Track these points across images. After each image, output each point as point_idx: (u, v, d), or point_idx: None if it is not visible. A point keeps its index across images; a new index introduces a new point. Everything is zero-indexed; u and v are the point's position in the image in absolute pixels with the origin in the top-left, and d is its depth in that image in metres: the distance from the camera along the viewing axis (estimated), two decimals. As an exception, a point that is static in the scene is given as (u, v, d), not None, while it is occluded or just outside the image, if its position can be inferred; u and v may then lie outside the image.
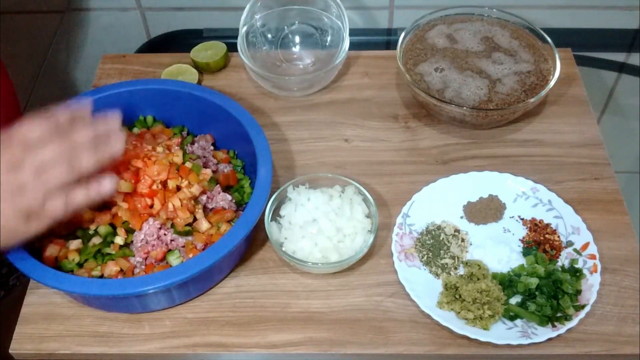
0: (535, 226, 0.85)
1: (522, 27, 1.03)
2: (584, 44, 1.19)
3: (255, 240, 0.85)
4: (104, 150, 0.69)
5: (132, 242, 0.78)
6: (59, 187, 0.67)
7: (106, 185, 0.70)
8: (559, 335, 0.75)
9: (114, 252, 0.77)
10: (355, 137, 0.97)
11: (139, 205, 0.77)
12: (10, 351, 0.77)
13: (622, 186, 0.91)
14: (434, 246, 0.83)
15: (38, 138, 0.66)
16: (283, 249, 0.80)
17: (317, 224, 0.81)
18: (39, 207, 0.67)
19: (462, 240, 0.84)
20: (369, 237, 0.81)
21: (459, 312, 0.76)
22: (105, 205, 0.78)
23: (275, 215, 0.84)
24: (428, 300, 0.77)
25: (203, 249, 0.77)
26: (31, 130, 0.67)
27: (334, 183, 0.86)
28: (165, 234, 0.78)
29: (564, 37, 1.10)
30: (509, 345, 0.74)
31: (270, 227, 0.81)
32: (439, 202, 0.87)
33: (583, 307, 0.76)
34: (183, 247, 0.78)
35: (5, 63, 0.90)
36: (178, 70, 1.03)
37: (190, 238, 0.78)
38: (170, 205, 0.78)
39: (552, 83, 0.94)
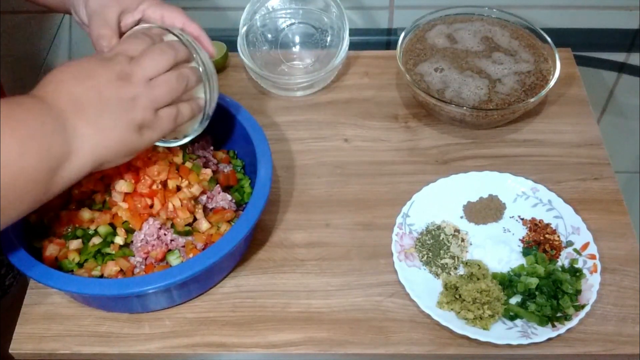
0: (535, 226, 0.85)
1: (522, 27, 1.03)
2: (584, 44, 1.19)
3: (255, 240, 0.85)
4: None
5: (132, 242, 0.78)
6: (168, 99, 0.68)
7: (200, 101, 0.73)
8: (558, 335, 0.75)
9: (114, 252, 0.77)
10: (355, 137, 0.97)
11: (139, 205, 0.77)
12: (10, 351, 0.77)
13: (622, 186, 0.91)
14: (434, 246, 0.83)
15: (143, 52, 0.68)
16: None
17: None
18: (151, 118, 0.67)
19: (462, 240, 0.84)
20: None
21: (459, 312, 0.76)
22: (105, 205, 0.78)
23: None
24: (428, 300, 0.77)
25: (203, 249, 0.77)
26: (134, 46, 0.68)
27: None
28: (165, 234, 0.78)
29: (564, 37, 1.10)
30: (509, 345, 0.74)
31: None
32: (439, 202, 0.87)
33: (583, 307, 0.76)
34: (183, 247, 0.78)
35: (5, 63, 0.90)
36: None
37: (190, 238, 0.78)
38: (170, 205, 0.78)
39: (552, 83, 0.94)
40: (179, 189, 0.79)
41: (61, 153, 0.62)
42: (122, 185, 0.76)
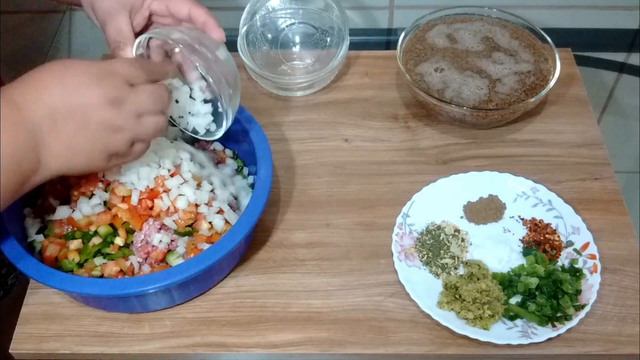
0: (535, 226, 0.85)
1: (522, 27, 1.03)
2: (584, 44, 1.19)
3: (255, 240, 0.85)
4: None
5: (132, 242, 0.78)
6: (151, 137, 0.68)
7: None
8: (559, 335, 0.75)
9: (113, 253, 0.77)
10: (355, 137, 0.97)
11: (139, 206, 0.77)
12: (10, 351, 0.77)
13: (622, 186, 0.91)
14: (434, 246, 0.83)
15: (144, 87, 0.66)
16: None
17: None
18: (126, 150, 0.66)
19: (462, 240, 0.84)
20: None
21: (459, 312, 0.76)
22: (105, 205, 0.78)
23: None
24: (428, 300, 0.77)
25: (203, 249, 0.77)
26: (135, 72, 0.66)
27: None
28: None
29: (564, 37, 1.10)
30: (509, 345, 0.74)
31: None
32: (439, 202, 0.87)
33: (583, 307, 0.76)
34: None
35: (6, 63, 0.90)
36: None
37: (190, 238, 0.78)
38: (171, 206, 0.78)
39: (552, 83, 0.94)
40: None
41: (30, 169, 0.62)
42: (121, 190, 0.76)
